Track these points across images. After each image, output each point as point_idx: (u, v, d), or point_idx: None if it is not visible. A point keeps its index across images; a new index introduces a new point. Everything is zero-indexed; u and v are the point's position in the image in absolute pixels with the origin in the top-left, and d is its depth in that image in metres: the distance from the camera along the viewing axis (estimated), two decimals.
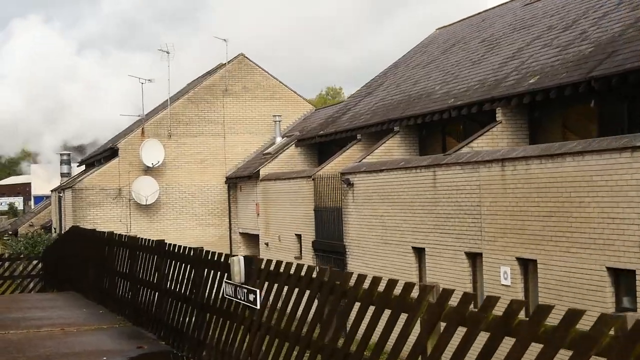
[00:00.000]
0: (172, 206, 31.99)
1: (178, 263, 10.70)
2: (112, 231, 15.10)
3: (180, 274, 10.65)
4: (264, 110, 33.23)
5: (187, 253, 10.33)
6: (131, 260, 12.98)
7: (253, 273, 8.14)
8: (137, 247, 12.62)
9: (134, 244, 12.81)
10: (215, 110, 32.67)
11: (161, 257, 11.35)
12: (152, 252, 11.82)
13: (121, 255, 13.57)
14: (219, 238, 32.35)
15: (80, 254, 16.86)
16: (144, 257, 12.28)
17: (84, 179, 31.29)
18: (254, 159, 32.05)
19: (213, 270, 9.25)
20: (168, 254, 11.12)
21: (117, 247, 13.82)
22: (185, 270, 10.41)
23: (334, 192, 23.61)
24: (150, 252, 11.94)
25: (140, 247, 12.49)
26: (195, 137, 32.37)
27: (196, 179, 32.30)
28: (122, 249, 13.49)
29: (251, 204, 30.75)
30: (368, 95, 28.36)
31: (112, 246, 14.23)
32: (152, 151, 31.03)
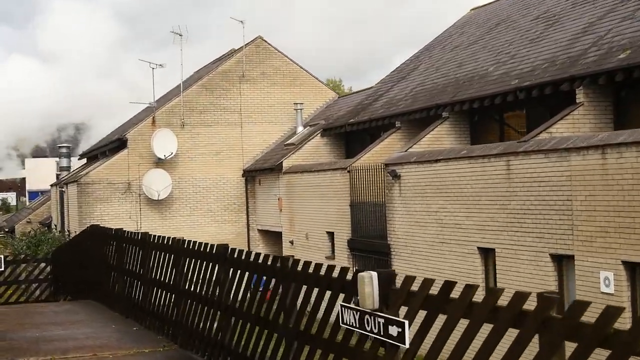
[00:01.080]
0: (186, 201, 29.59)
1: (254, 275, 8.35)
2: (147, 232, 12.72)
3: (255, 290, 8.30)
4: (283, 98, 30.83)
5: (271, 264, 7.96)
6: (175, 267, 10.62)
7: (392, 296, 5.77)
8: (185, 252, 10.27)
9: (180, 248, 10.45)
10: (231, 98, 30.26)
11: (226, 267, 8.99)
12: (210, 259, 9.47)
13: (161, 261, 11.21)
14: (236, 235, 29.97)
15: (103, 258, 14.48)
16: (195, 265, 9.93)
17: (90, 172, 28.85)
18: (275, 150, 29.67)
19: (318, 288, 6.88)
20: (236, 263, 8.76)
21: (155, 251, 11.44)
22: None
23: (374, 185, 21.28)
24: (206, 260, 9.59)
25: (190, 252, 10.14)
26: (210, 126, 29.96)
27: (211, 172, 29.90)
28: (163, 254, 11.12)
29: (272, 199, 28.39)
30: (402, 80, 26.02)
31: (147, 250, 11.85)
32: (165, 142, 28.61)
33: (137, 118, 34.82)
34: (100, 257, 14.82)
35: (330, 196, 23.48)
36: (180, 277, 10.40)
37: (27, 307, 14.73)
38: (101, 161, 32.74)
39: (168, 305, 10.83)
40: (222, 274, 9.03)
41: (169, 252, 10.83)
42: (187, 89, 29.86)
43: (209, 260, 9.46)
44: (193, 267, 9.98)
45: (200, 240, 11.10)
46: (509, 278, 15.44)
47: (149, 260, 11.74)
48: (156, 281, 11.36)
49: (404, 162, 19.29)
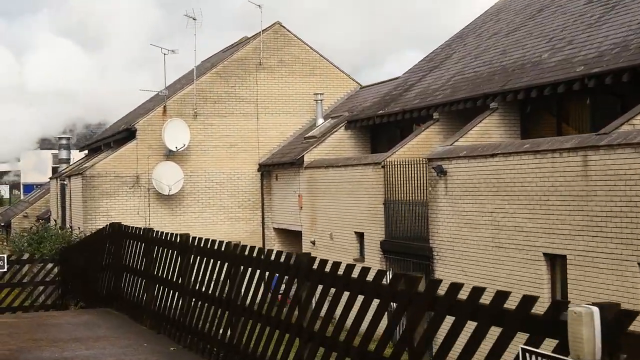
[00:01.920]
0: (198, 197, 27.69)
1: (362, 297, 6.51)
2: (188, 234, 10.85)
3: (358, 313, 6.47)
4: (302, 88, 28.94)
5: (391, 286, 6.08)
6: (229, 278, 8.76)
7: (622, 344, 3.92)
8: (245, 261, 8.42)
9: (238, 255, 8.60)
10: (247, 87, 28.35)
11: (311, 282, 7.14)
12: (282, 270, 7.62)
13: (209, 270, 9.35)
14: (250, 234, 28.08)
15: (126, 261, 12.60)
16: (259, 277, 8.08)
17: (96, 164, 26.91)
18: (293, 144, 27.79)
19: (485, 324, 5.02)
20: (328, 280, 6.90)
21: (202, 258, 9.59)
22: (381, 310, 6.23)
23: (412, 182, 19.45)
24: (276, 270, 7.74)
25: (251, 260, 8.29)
26: (224, 117, 28.05)
27: (225, 166, 28.00)
28: (212, 261, 9.26)
29: (291, 196, 26.52)
30: (435, 69, 24.17)
31: (188, 255, 9.99)
32: (176, 133, 26.69)
33: (145, 107, 32.87)
34: (122, 261, 12.95)
35: (361, 193, 21.64)
36: (236, 291, 8.55)
37: (39, 318, 12.82)
38: (106, 152, 30.83)
39: (218, 323, 8.97)
40: (303, 291, 7.17)
41: (222, 260, 8.97)
42: (200, 76, 27.94)
43: (280, 271, 7.62)
44: (257, 280, 8.12)
45: None
46: (583, 289, 13.64)
47: (191, 267, 9.87)
48: (201, 293, 9.50)
49: (451, 157, 17.45)
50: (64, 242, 24.37)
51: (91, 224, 26.25)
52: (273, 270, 7.84)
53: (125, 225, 13.42)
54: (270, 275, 7.95)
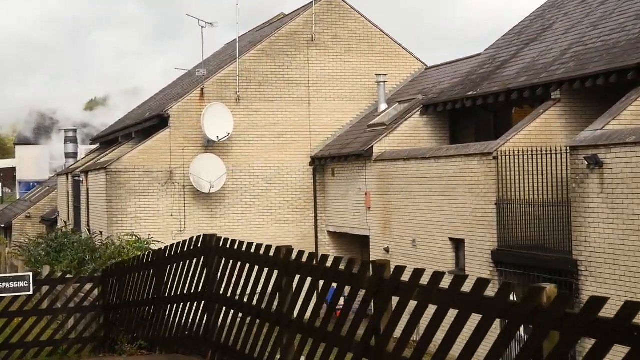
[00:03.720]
0: (241, 195, 23.58)
1: None
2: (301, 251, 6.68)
3: None
4: (360, 68, 24.87)
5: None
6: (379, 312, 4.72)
7: None
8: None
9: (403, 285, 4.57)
10: (297, 67, 24.25)
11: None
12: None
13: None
14: (301, 238, 24.01)
15: (225, 291, 8.53)
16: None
17: (123, 157, 22.72)
18: (353, 132, 23.71)
19: None
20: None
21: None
22: None
23: (542, 176, 15.44)
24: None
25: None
26: (271, 102, 23.94)
27: (272, 159, 23.90)
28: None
29: (353, 194, 22.45)
30: (534, 43, 20.16)
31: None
32: (218, 120, 22.57)
33: (169, 88, 28.70)
34: (216, 289, 8.87)
35: (460, 191, 17.58)
36: None
37: None
38: (127, 144, 26.69)
39: None
40: None
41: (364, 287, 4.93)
42: (242, 54, 23.80)
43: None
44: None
45: None
46: None
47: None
48: None
49: (610, 144, 13.41)
50: (87, 251, 20.21)
51: (117, 228, 22.12)
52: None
53: (223, 239, 9.30)
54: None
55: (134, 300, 11.77)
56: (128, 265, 12.20)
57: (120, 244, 20.80)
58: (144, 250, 21.15)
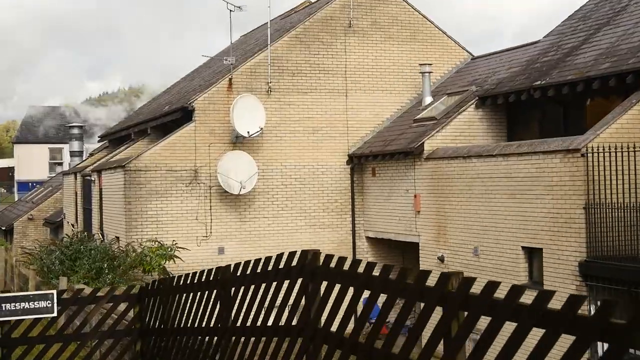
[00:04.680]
0: (272, 197, 21.36)
1: None
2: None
3: None
4: (401, 57, 22.68)
5: None
6: None
7: None
8: None
9: None
10: (333, 55, 22.04)
11: None
12: None
13: None
14: (337, 245, 21.81)
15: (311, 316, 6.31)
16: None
17: (143, 154, 20.45)
18: (396, 128, 21.52)
19: None
20: None
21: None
22: None
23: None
24: None
25: None
26: (305, 94, 21.73)
27: (306, 157, 21.69)
28: None
29: (398, 195, 20.25)
30: (608, 26, 18.02)
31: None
32: (248, 113, 20.35)
33: (191, 84, 26.44)
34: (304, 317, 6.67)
35: (537, 193, 15.39)
36: None
37: None
38: (143, 140, 24.48)
39: None
40: None
41: None
42: (274, 41, 21.58)
43: None
44: None
45: None
46: None
47: None
48: None
49: None
50: (106, 260, 17.97)
51: (137, 233, 19.90)
52: None
53: (317, 257, 7.08)
54: None
55: (185, 327, 9.54)
56: (177, 284, 9.95)
57: (142, 251, 18.61)
58: (167, 258, 18.95)
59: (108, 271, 17.74)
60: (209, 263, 20.42)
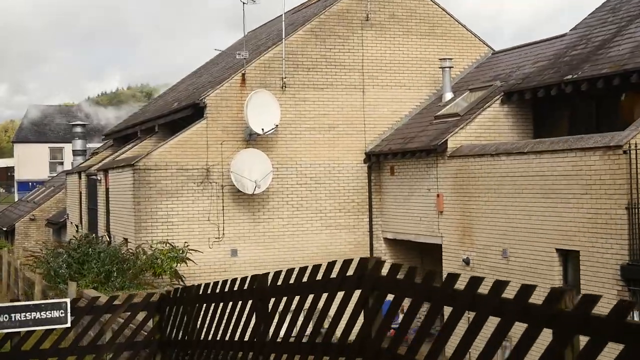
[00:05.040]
0: (286, 197, 20.52)
1: None
2: None
3: None
4: (420, 52, 21.85)
5: None
6: None
7: None
8: None
9: None
10: (350, 50, 21.21)
11: None
12: None
13: None
14: (354, 247, 20.98)
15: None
16: None
17: (153, 152, 19.60)
18: (415, 125, 20.69)
19: None
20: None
21: None
22: None
23: None
24: None
25: None
26: (321, 89, 20.89)
27: (322, 155, 20.86)
28: None
29: (419, 195, 19.43)
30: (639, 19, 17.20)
31: None
32: (263, 109, 19.50)
33: (200, 80, 25.59)
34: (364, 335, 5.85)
35: (574, 192, 14.55)
36: None
37: None
38: (151, 138, 23.66)
39: None
40: None
41: None
42: (289, 35, 20.73)
43: None
44: None
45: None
46: None
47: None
48: None
49: None
50: (115, 263, 17.13)
51: (146, 234, 19.06)
52: None
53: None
54: None
55: (214, 341, 8.70)
56: (205, 292, 9.11)
57: (153, 253, 17.76)
58: (179, 261, 18.12)
59: (117, 275, 16.90)
60: (221, 265, 19.62)
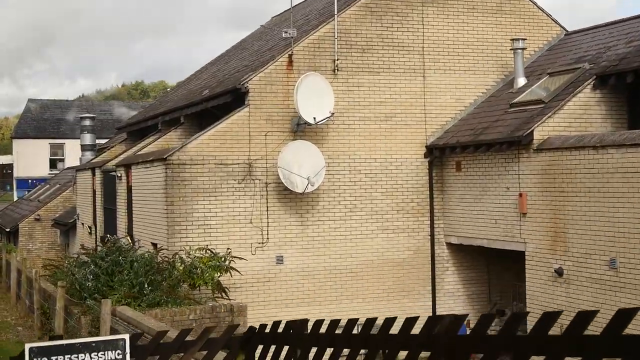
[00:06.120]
0: (338, 196, 17.98)
1: None
2: None
3: None
4: (486, 32, 19.32)
5: None
6: None
7: None
8: None
9: None
10: (409, 29, 18.67)
11: None
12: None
13: None
14: (414, 252, 18.47)
15: None
16: None
17: (188, 144, 16.99)
18: (484, 113, 18.17)
19: None
20: None
21: None
22: None
23: None
24: None
25: None
26: (376, 73, 18.34)
27: (378, 149, 18.33)
28: None
29: (495, 194, 16.90)
30: None
31: None
32: (314, 96, 16.94)
33: (227, 66, 22.98)
34: None
35: None
36: None
37: None
38: (176, 130, 21.13)
39: None
40: None
41: None
42: (341, 11, 18.17)
43: None
44: None
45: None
46: None
47: None
48: None
49: None
50: (151, 274, 14.55)
51: (181, 239, 16.52)
52: None
53: None
54: None
55: None
56: (331, 330, 6.50)
57: (192, 262, 15.22)
58: (222, 271, 15.58)
59: (150, 288, 14.32)
60: (265, 275, 17.12)
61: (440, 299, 18.61)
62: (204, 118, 20.90)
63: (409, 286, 18.37)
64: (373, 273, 18.09)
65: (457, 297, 18.80)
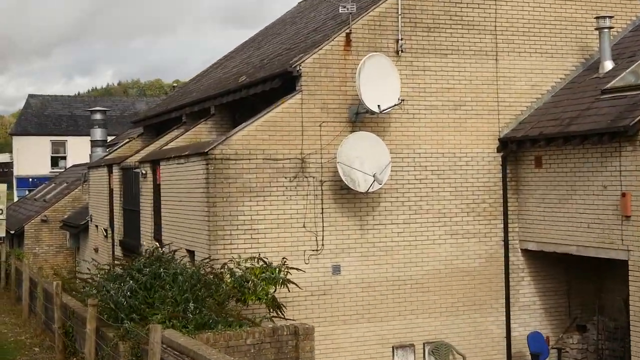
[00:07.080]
0: (402, 196, 15.67)
1: None
2: None
3: None
4: (564, 9, 17.03)
5: None
6: None
7: None
8: None
9: None
10: (480, 5, 16.37)
11: None
12: None
13: None
14: (485, 260, 16.19)
15: None
16: None
17: (232, 137, 14.63)
18: (567, 101, 15.87)
19: None
20: None
21: None
22: None
23: None
24: None
25: None
26: (444, 55, 16.03)
27: (446, 142, 16.04)
28: None
29: (588, 193, 14.62)
30: None
31: None
32: (378, 80, 14.62)
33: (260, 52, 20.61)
34: None
35: None
36: None
37: None
38: (206, 122, 18.84)
39: None
40: None
41: None
42: None
43: None
44: None
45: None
46: None
47: None
48: None
49: None
50: (199, 290, 12.22)
51: (225, 246, 14.21)
52: None
53: None
54: None
55: None
56: None
57: (243, 274, 12.93)
58: (277, 284, 13.28)
59: (197, 306, 12.00)
60: (320, 287, 14.88)
61: (515, 313, 16.34)
62: (237, 109, 18.63)
63: (481, 299, 16.09)
64: (441, 284, 15.80)
65: (534, 310, 16.53)
